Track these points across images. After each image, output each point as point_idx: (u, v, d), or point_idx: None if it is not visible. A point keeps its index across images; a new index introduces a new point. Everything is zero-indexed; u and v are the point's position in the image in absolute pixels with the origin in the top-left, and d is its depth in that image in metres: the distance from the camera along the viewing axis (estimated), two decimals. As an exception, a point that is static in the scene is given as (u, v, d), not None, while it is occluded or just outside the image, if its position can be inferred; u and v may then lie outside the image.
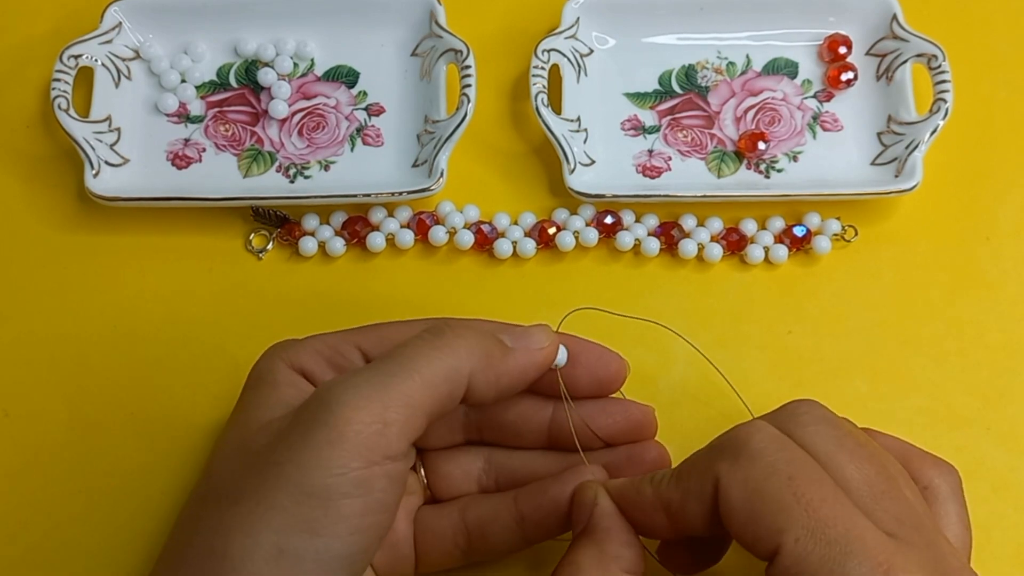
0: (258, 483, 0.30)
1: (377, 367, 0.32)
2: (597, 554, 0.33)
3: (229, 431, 0.34)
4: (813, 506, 0.29)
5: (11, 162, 0.47)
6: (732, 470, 0.30)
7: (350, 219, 0.45)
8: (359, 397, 0.30)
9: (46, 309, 0.44)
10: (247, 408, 0.34)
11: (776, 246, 0.45)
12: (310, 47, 0.48)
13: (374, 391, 0.31)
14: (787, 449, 0.31)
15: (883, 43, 0.47)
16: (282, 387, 0.34)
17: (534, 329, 0.35)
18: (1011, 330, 0.44)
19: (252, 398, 0.35)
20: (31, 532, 0.40)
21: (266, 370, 0.35)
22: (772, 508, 0.29)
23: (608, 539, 0.33)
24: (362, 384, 0.31)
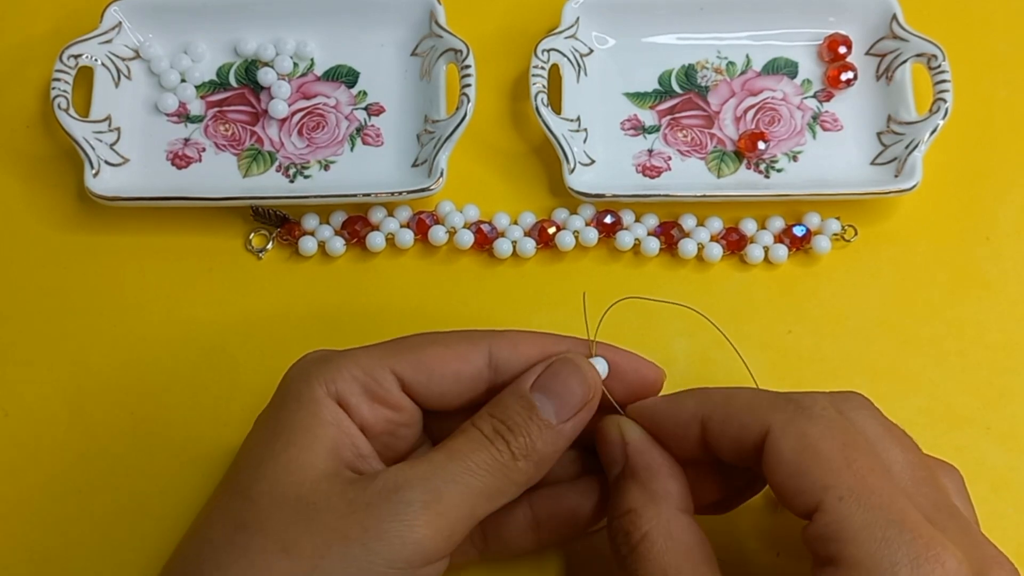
0: (319, 544, 0.30)
1: (439, 476, 0.32)
2: (647, 496, 0.33)
3: (276, 465, 0.32)
4: (862, 473, 0.30)
5: (11, 162, 0.47)
6: (789, 422, 0.31)
7: (350, 219, 0.45)
8: (429, 513, 0.31)
9: (46, 309, 0.44)
10: (294, 444, 0.33)
11: (776, 246, 0.45)
12: (310, 47, 0.48)
13: (442, 507, 0.31)
14: (845, 421, 0.31)
15: (883, 43, 0.47)
16: (327, 426, 0.33)
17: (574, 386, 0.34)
18: (1011, 330, 0.44)
19: (296, 431, 0.33)
20: (31, 531, 0.40)
21: (307, 397, 0.33)
22: (823, 465, 0.30)
23: (652, 477, 0.33)
24: (432, 502, 0.31)
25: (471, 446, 0.32)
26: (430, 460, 0.32)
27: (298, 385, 0.34)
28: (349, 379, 0.34)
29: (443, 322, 0.43)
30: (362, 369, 0.34)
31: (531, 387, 0.34)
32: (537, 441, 0.33)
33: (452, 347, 0.35)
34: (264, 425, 0.34)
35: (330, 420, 0.33)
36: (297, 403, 0.33)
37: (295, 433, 0.33)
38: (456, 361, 0.34)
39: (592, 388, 0.35)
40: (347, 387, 0.34)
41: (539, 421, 0.33)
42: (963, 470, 0.35)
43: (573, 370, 0.34)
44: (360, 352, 0.35)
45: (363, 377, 0.34)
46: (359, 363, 0.34)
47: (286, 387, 0.34)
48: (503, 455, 0.33)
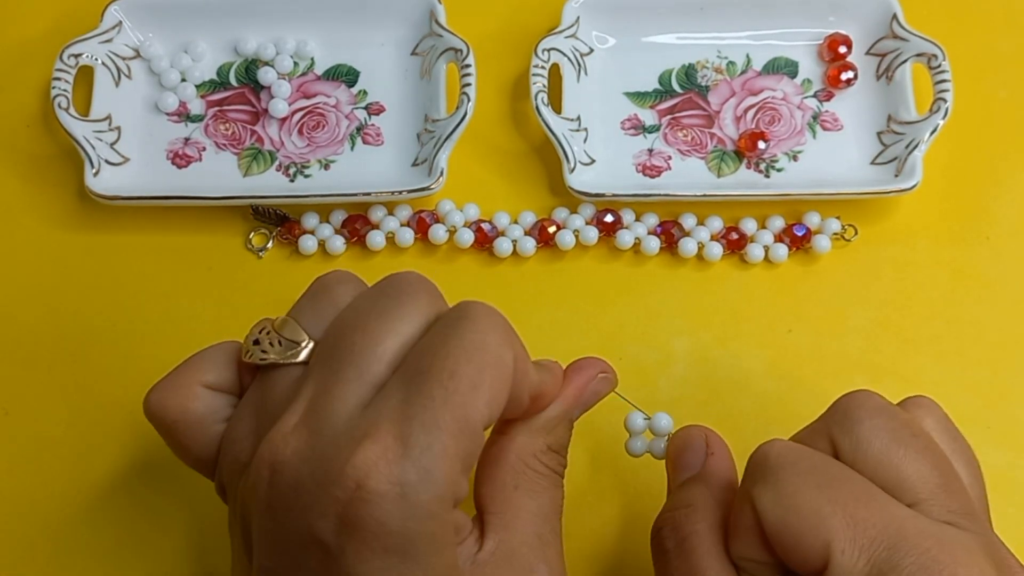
0: None
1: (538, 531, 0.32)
2: (711, 499, 0.33)
3: None
4: (848, 509, 0.29)
5: (11, 162, 0.47)
6: (763, 492, 0.30)
7: (350, 217, 0.45)
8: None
9: (46, 309, 0.44)
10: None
11: (776, 245, 0.45)
12: (310, 46, 0.48)
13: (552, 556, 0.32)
14: (806, 457, 0.30)
15: (883, 43, 0.47)
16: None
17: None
18: (1011, 330, 0.44)
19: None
20: (30, 530, 0.40)
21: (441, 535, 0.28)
22: (810, 523, 0.29)
23: (722, 487, 0.34)
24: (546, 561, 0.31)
25: (546, 485, 0.33)
26: (530, 515, 0.32)
27: (415, 529, 0.27)
28: (453, 480, 0.28)
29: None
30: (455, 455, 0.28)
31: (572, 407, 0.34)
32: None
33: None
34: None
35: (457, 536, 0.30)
36: (428, 552, 0.27)
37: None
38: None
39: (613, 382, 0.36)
40: (458, 486, 0.28)
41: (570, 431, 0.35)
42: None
43: (608, 388, 0.36)
44: (430, 436, 0.27)
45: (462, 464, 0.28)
46: (447, 452, 0.27)
47: (395, 531, 0.27)
48: (562, 483, 0.34)
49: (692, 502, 0.33)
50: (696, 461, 0.35)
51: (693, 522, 0.32)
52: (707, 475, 0.34)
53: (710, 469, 0.34)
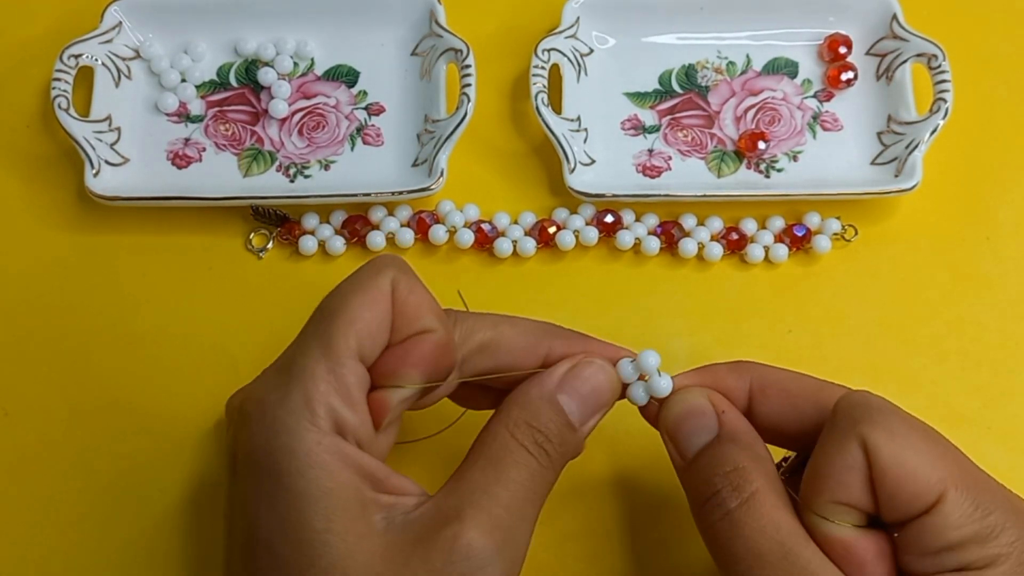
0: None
1: (494, 505, 0.31)
2: (752, 456, 0.32)
3: (322, 556, 0.29)
4: (961, 463, 0.30)
5: (11, 162, 0.47)
6: (876, 432, 0.30)
7: (350, 218, 0.45)
8: (502, 558, 0.31)
9: (46, 309, 0.44)
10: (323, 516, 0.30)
11: (776, 245, 0.45)
12: (310, 46, 0.48)
13: (508, 539, 0.31)
14: (906, 412, 0.32)
15: (883, 43, 0.47)
16: (347, 473, 0.30)
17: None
18: (1011, 330, 0.44)
19: (318, 500, 0.30)
20: (30, 530, 0.40)
21: (303, 451, 0.30)
22: (928, 461, 0.30)
23: (754, 441, 0.33)
24: (501, 545, 0.30)
25: (518, 459, 0.32)
26: (477, 485, 0.31)
27: (275, 444, 0.30)
28: (324, 398, 0.31)
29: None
30: (329, 377, 0.31)
31: (557, 388, 0.33)
32: (569, 447, 0.33)
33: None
34: (268, 508, 0.30)
35: (343, 464, 0.30)
36: (290, 470, 0.30)
37: (311, 519, 0.30)
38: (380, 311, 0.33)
39: (616, 392, 0.35)
40: (331, 407, 0.31)
41: (570, 427, 0.33)
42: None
43: (599, 374, 0.34)
44: (307, 358, 0.31)
45: (336, 385, 0.31)
46: (320, 374, 0.31)
47: (262, 450, 0.30)
48: (544, 463, 0.32)
49: (739, 464, 0.32)
50: (709, 423, 0.33)
51: (750, 482, 0.31)
52: (733, 434, 0.33)
53: (733, 428, 0.33)
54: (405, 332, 0.33)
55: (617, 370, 0.35)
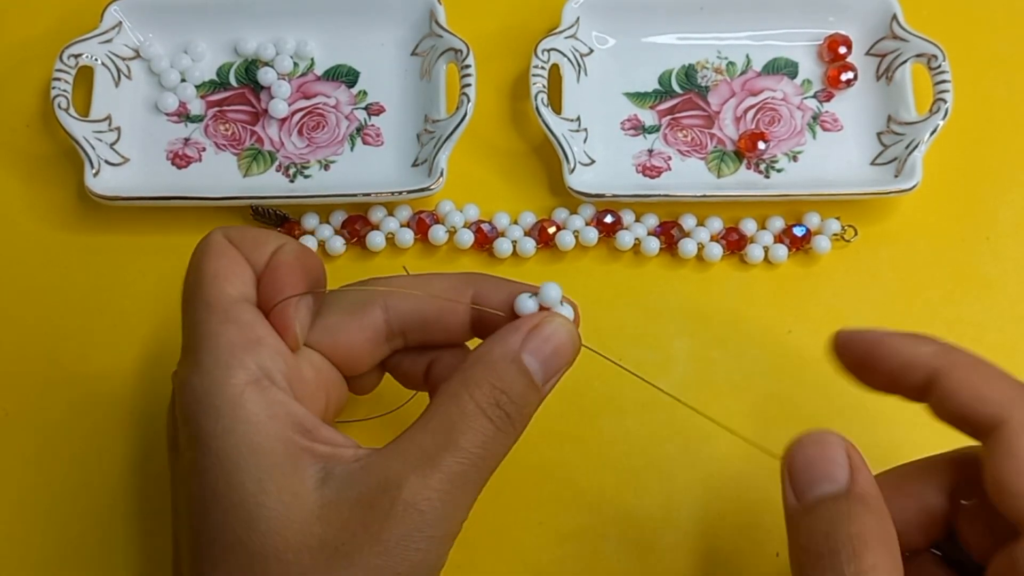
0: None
1: (451, 472, 0.30)
2: (880, 526, 0.29)
3: (262, 507, 0.29)
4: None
5: (11, 162, 0.47)
6: (947, 353, 0.31)
7: (350, 218, 0.45)
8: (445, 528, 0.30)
9: (46, 309, 0.44)
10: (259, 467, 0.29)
11: (776, 246, 0.45)
12: (310, 46, 0.48)
13: (457, 508, 0.30)
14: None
15: (883, 43, 0.47)
16: (293, 415, 0.31)
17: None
18: (1011, 330, 0.44)
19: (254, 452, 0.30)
20: (30, 531, 0.40)
21: (228, 407, 0.30)
22: (995, 384, 0.31)
23: (884, 510, 0.30)
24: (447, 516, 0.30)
25: (473, 424, 0.30)
26: (424, 451, 0.30)
27: (206, 406, 0.30)
28: (235, 355, 0.31)
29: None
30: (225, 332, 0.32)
31: (520, 347, 0.32)
32: (530, 410, 0.32)
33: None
34: (199, 479, 0.30)
35: (271, 416, 0.30)
36: (214, 431, 0.30)
37: (244, 463, 0.29)
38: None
39: (578, 348, 0.33)
40: (250, 354, 0.31)
41: (534, 387, 0.32)
42: (963, 470, 0.35)
43: (564, 332, 0.32)
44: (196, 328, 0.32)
45: (233, 337, 0.31)
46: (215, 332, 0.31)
47: (194, 420, 0.30)
48: (504, 427, 0.31)
49: (866, 530, 0.28)
50: (840, 475, 0.30)
51: (875, 552, 0.28)
52: (864, 496, 0.29)
53: (865, 491, 0.29)
54: (260, 262, 0.34)
55: (516, 304, 0.33)
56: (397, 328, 0.35)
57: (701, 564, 0.40)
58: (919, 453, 0.42)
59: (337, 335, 0.34)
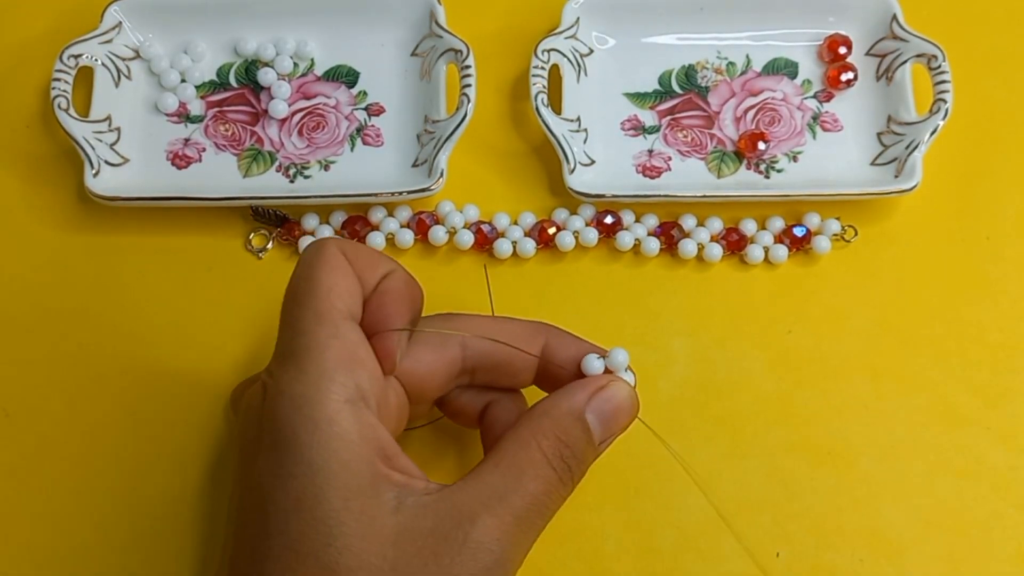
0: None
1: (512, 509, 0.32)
2: None
3: (344, 524, 0.30)
4: None
5: (11, 162, 0.47)
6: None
7: (350, 219, 0.45)
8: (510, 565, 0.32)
9: (46, 309, 0.44)
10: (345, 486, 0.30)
11: (776, 246, 0.45)
12: (310, 47, 0.48)
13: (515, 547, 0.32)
14: None
15: (883, 43, 0.47)
16: (380, 439, 0.32)
17: None
18: (1011, 330, 0.44)
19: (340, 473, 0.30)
20: (30, 531, 0.40)
21: (325, 422, 0.31)
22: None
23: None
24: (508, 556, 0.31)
25: (540, 472, 0.32)
26: (495, 490, 0.32)
27: (295, 415, 0.31)
28: (338, 372, 0.32)
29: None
30: (332, 348, 0.32)
31: (586, 407, 0.34)
32: (586, 466, 0.34)
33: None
34: (283, 485, 0.30)
35: (361, 437, 0.31)
36: (310, 442, 0.30)
37: (328, 495, 0.30)
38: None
39: (634, 416, 0.35)
40: (353, 376, 0.32)
41: (592, 445, 0.34)
42: (963, 470, 0.35)
43: (626, 397, 0.35)
44: (332, 341, 0.32)
45: (339, 355, 0.32)
46: (323, 346, 0.32)
47: (282, 422, 0.31)
48: (564, 479, 0.33)
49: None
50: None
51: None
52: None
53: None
54: (370, 283, 0.34)
55: (584, 363, 0.35)
56: (470, 366, 0.36)
57: (701, 564, 0.40)
58: (919, 452, 0.42)
59: (420, 366, 0.35)
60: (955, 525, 0.40)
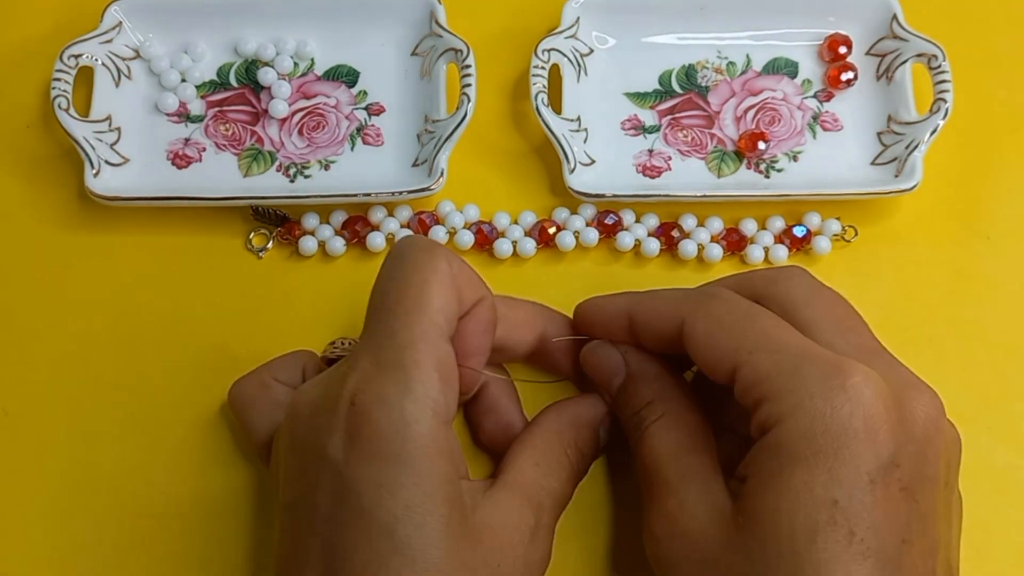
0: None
1: (549, 502, 0.36)
2: (660, 388, 0.37)
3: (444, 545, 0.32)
4: (766, 331, 0.33)
5: (11, 162, 0.47)
6: (697, 310, 0.35)
7: (350, 219, 0.45)
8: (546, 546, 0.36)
9: (46, 309, 0.44)
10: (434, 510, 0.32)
11: (776, 246, 0.45)
12: (310, 46, 0.48)
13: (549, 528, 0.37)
14: (746, 300, 0.35)
15: (883, 43, 0.47)
16: (458, 452, 0.34)
17: None
18: (1012, 329, 0.44)
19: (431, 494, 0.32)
20: (30, 531, 0.40)
21: (429, 438, 0.32)
22: (730, 332, 0.33)
23: (661, 374, 0.38)
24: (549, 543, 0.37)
25: (564, 473, 0.37)
26: (539, 487, 0.36)
27: (402, 431, 0.32)
28: (436, 385, 0.33)
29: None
30: (437, 362, 0.33)
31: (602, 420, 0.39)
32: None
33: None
34: (391, 493, 0.32)
35: (450, 451, 0.33)
36: (417, 455, 0.32)
37: (435, 504, 0.32)
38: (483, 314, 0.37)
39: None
40: (441, 394, 0.33)
41: (596, 454, 0.39)
42: (963, 470, 0.35)
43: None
44: (415, 347, 0.33)
45: (442, 368, 0.33)
46: (431, 360, 0.33)
47: (386, 435, 0.32)
48: (576, 477, 0.37)
49: (651, 398, 0.37)
50: (617, 365, 0.38)
51: (656, 410, 0.36)
52: (640, 372, 0.38)
53: (640, 367, 0.38)
54: (466, 304, 0.35)
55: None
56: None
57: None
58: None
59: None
60: (955, 525, 0.40)
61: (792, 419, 0.31)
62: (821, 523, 0.30)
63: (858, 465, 0.30)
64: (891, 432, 0.31)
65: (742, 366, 0.32)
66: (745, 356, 0.32)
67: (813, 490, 0.30)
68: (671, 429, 0.36)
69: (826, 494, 0.30)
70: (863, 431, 0.30)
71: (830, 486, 0.30)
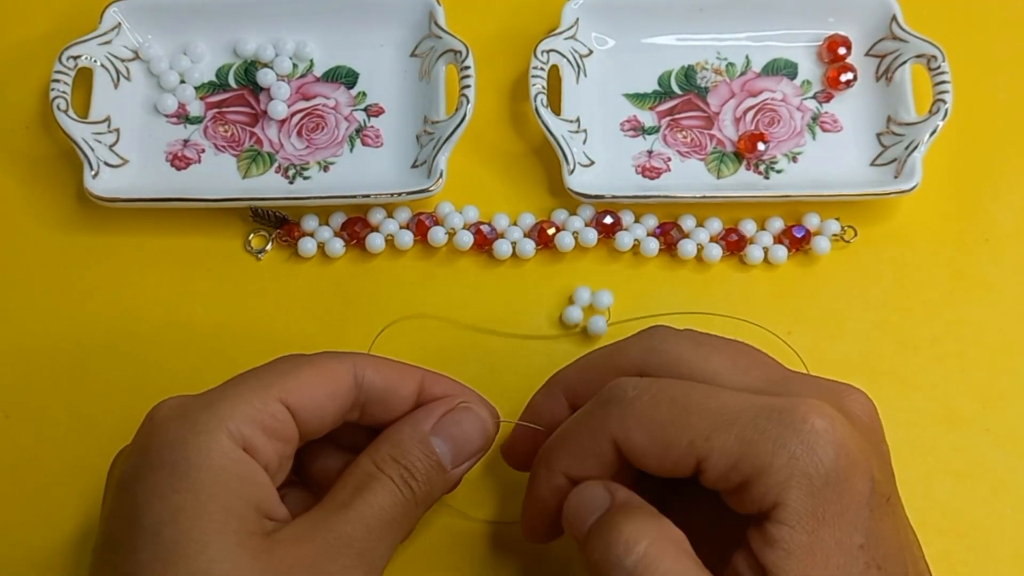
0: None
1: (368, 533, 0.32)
2: (649, 526, 0.31)
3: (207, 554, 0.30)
4: (705, 407, 0.31)
5: (11, 162, 0.47)
6: (623, 421, 0.32)
7: (349, 220, 0.45)
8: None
9: (46, 309, 0.44)
10: (212, 521, 0.30)
11: (775, 247, 0.45)
12: (309, 48, 0.48)
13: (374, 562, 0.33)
14: (653, 382, 0.32)
15: (883, 44, 0.47)
16: (246, 485, 0.31)
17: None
18: (1011, 330, 0.44)
19: (210, 506, 0.30)
20: (31, 532, 0.40)
21: (212, 453, 0.31)
22: (673, 428, 0.31)
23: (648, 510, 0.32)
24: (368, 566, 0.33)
25: (383, 494, 0.33)
26: (337, 504, 0.32)
27: (197, 439, 0.31)
28: (248, 419, 0.32)
29: (444, 323, 0.43)
30: (256, 404, 0.32)
31: (431, 430, 0.34)
32: (436, 488, 0.34)
33: (321, 367, 0.34)
34: (161, 499, 0.30)
35: (246, 476, 0.31)
36: (200, 464, 0.30)
37: (209, 510, 0.30)
38: (330, 381, 0.34)
39: (490, 439, 0.36)
40: (250, 429, 0.32)
41: (439, 468, 0.34)
42: (962, 471, 0.35)
43: (475, 420, 0.35)
44: (240, 386, 0.33)
45: (259, 413, 0.32)
46: (250, 399, 0.32)
47: (172, 444, 0.31)
48: (408, 500, 0.33)
49: (637, 536, 0.31)
50: (600, 500, 0.33)
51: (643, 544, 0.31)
52: (622, 505, 0.32)
53: (622, 500, 0.33)
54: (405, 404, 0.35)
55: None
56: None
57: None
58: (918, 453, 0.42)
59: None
60: (953, 527, 0.40)
61: (794, 488, 0.30)
62: (857, 572, 0.29)
63: (859, 499, 0.30)
64: (860, 450, 0.30)
65: (706, 456, 0.30)
66: (703, 444, 0.30)
67: (842, 542, 0.29)
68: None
69: (851, 541, 0.30)
70: (847, 465, 0.30)
71: (852, 532, 0.30)
